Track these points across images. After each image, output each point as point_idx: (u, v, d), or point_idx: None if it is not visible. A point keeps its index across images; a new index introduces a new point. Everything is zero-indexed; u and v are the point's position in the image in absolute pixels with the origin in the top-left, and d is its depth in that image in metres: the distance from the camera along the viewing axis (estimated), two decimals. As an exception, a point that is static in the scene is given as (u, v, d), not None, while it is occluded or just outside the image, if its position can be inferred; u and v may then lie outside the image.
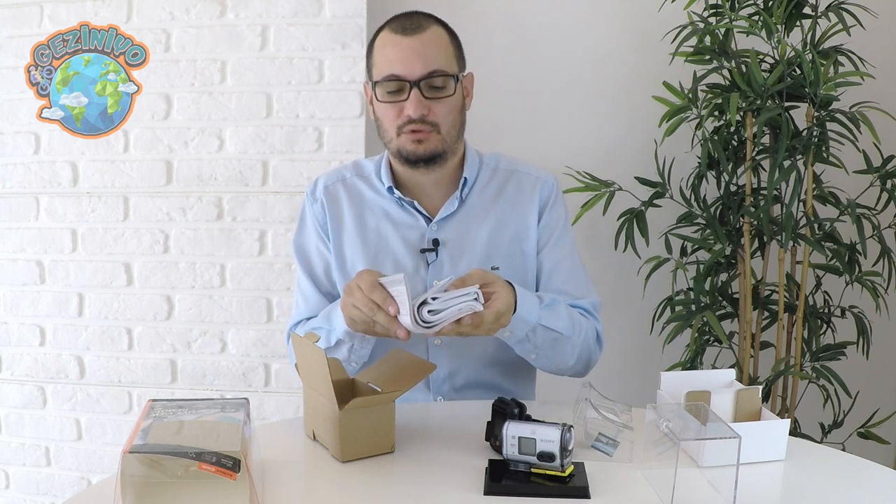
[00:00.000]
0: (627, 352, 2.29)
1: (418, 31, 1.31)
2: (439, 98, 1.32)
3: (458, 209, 1.41)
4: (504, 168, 1.47)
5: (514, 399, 1.12)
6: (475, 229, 1.41)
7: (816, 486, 1.05)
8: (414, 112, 1.30)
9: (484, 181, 1.44)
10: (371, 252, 1.41)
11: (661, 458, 1.00)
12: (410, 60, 1.30)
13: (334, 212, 1.44)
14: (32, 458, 2.26)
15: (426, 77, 1.30)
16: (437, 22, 1.35)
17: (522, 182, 1.45)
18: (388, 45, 1.32)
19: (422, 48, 1.30)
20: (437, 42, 1.32)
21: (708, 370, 1.68)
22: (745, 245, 1.96)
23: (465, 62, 1.40)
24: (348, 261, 1.43)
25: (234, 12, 2.07)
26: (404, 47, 1.30)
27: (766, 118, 1.81)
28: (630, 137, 2.23)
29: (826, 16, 1.90)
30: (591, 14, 2.23)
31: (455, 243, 1.40)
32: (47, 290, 2.20)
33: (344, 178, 1.47)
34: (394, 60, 1.31)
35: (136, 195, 2.15)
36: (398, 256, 1.40)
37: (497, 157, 1.48)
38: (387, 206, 1.43)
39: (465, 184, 1.42)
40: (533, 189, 1.44)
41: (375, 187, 1.44)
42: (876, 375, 2.19)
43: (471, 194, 1.43)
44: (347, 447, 1.07)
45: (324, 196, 1.45)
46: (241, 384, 2.19)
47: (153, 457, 0.87)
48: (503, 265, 1.39)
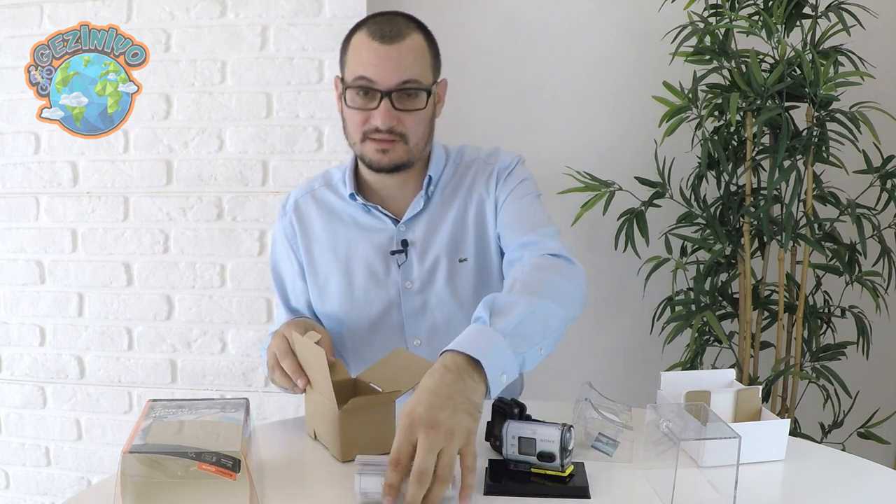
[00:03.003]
0: (627, 352, 2.29)
1: (397, 38, 1.27)
2: (410, 110, 1.29)
3: (424, 208, 1.40)
4: (467, 160, 1.45)
5: (514, 399, 1.12)
6: (439, 225, 1.40)
7: (816, 486, 1.05)
8: (382, 123, 1.28)
9: (448, 177, 1.43)
10: (342, 261, 1.41)
11: (661, 458, 1.00)
12: (385, 68, 1.26)
13: (303, 226, 1.44)
14: (32, 458, 2.26)
15: (399, 87, 1.27)
16: (417, 28, 1.31)
17: (480, 169, 1.43)
18: (364, 49, 1.28)
19: (398, 57, 1.26)
20: (415, 51, 1.28)
21: (708, 370, 1.67)
22: (745, 245, 1.96)
23: (440, 68, 1.37)
24: (321, 273, 1.43)
25: (234, 12, 2.08)
26: (381, 54, 1.26)
27: (766, 118, 1.80)
28: (630, 137, 2.23)
29: (826, 16, 1.90)
30: (590, 14, 2.23)
31: (422, 242, 1.39)
32: (47, 290, 2.20)
33: (313, 190, 1.47)
34: (367, 65, 1.27)
35: (136, 195, 2.15)
36: (368, 261, 1.40)
37: (461, 150, 1.47)
38: (354, 213, 1.42)
39: (430, 182, 1.40)
40: (490, 174, 1.41)
41: (342, 195, 1.44)
42: (876, 375, 2.19)
43: (435, 191, 1.42)
44: (347, 447, 1.07)
45: (293, 212, 1.46)
46: (241, 384, 2.19)
47: (153, 457, 0.87)
48: (470, 256, 1.38)
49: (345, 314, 1.42)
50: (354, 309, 1.41)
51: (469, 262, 1.38)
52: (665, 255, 2.07)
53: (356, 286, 1.40)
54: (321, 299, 1.43)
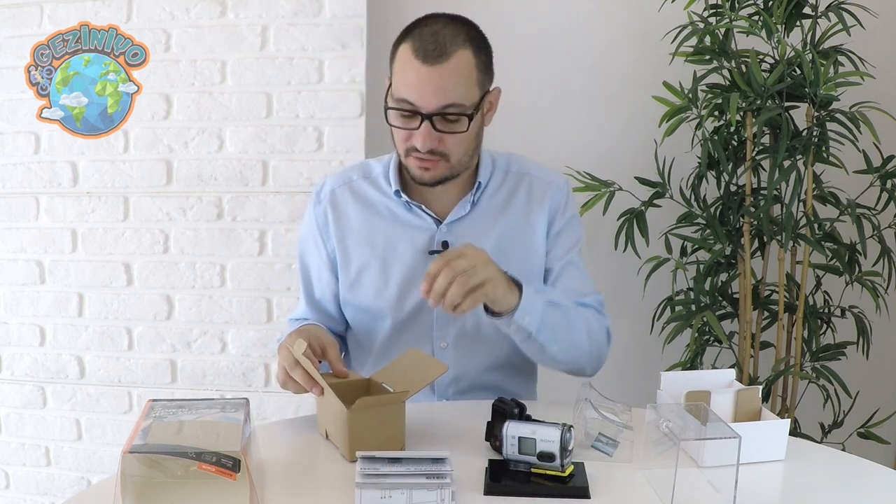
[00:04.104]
0: (627, 352, 2.29)
1: (441, 59, 1.23)
2: (451, 133, 1.27)
3: (469, 212, 1.39)
4: (515, 171, 1.44)
5: (515, 399, 1.12)
6: (485, 234, 1.39)
7: (816, 486, 1.05)
8: (422, 146, 1.26)
9: (496, 184, 1.42)
10: (379, 254, 1.40)
11: (661, 458, 1.00)
12: (427, 92, 1.23)
13: (338, 216, 1.43)
14: (32, 458, 2.26)
15: (440, 112, 1.25)
16: (466, 40, 1.26)
17: (534, 186, 1.42)
18: (408, 68, 1.25)
19: (440, 81, 1.23)
20: (460, 72, 1.24)
21: (708, 370, 1.68)
22: (745, 245, 1.96)
23: (492, 77, 1.34)
24: (353, 264, 1.41)
25: (234, 12, 2.07)
26: (422, 76, 1.23)
27: (766, 118, 1.81)
28: (630, 137, 2.23)
29: (826, 16, 1.90)
30: (591, 14, 2.23)
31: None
32: (47, 290, 2.20)
33: (351, 181, 1.45)
34: (410, 87, 1.24)
35: (136, 195, 2.15)
36: (406, 258, 1.39)
37: (509, 159, 1.46)
38: (394, 209, 1.41)
39: (479, 187, 1.39)
40: (544, 194, 1.41)
41: (383, 189, 1.42)
42: (876, 375, 2.19)
43: (482, 198, 1.41)
44: (356, 446, 1.07)
45: (328, 200, 1.44)
46: (241, 384, 2.19)
47: (153, 457, 0.87)
48: (512, 270, 1.38)
49: (377, 308, 1.40)
50: (387, 304, 1.39)
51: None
52: (665, 255, 2.07)
53: (392, 282, 1.39)
54: (352, 291, 1.42)
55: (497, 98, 1.38)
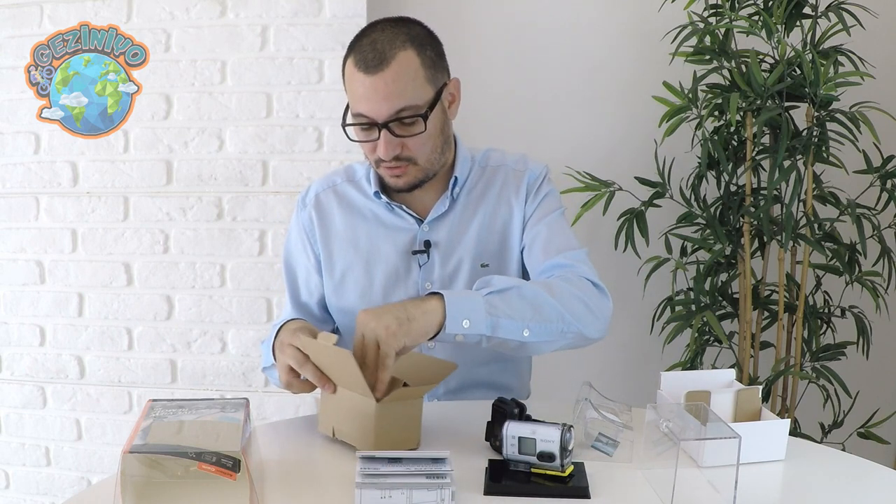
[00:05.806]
0: (627, 352, 2.29)
1: (381, 66, 1.22)
2: (411, 135, 1.27)
3: (449, 209, 1.40)
4: (493, 164, 1.44)
5: (514, 399, 1.12)
6: (465, 228, 1.39)
7: (816, 486, 1.05)
8: (385, 154, 1.27)
9: (474, 179, 1.43)
10: (363, 257, 1.41)
11: (661, 458, 1.00)
12: (376, 102, 1.23)
13: (323, 220, 1.44)
14: (32, 458, 2.26)
15: (394, 118, 1.24)
16: (405, 41, 1.25)
17: (509, 176, 1.43)
18: (355, 81, 1.25)
19: (385, 88, 1.23)
20: (404, 74, 1.24)
21: (708, 370, 1.68)
22: (745, 245, 1.96)
23: (446, 70, 1.33)
24: (338, 268, 1.42)
25: (234, 12, 2.08)
26: (368, 87, 1.23)
27: (766, 118, 1.81)
28: (630, 137, 2.23)
29: (826, 16, 1.90)
30: (591, 14, 2.23)
31: (446, 244, 1.39)
32: (47, 290, 2.20)
33: (335, 185, 1.46)
34: (361, 99, 1.25)
35: (136, 195, 2.15)
36: (390, 259, 1.40)
37: (487, 154, 1.46)
38: (377, 210, 1.42)
39: (456, 183, 1.40)
40: (520, 181, 1.41)
41: (365, 192, 1.43)
42: (876, 375, 2.19)
43: (461, 193, 1.41)
44: (381, 441, 1.07)
45: (313, 205, 1.45)
46: (241, 384, 2.19)
47: (153, 457, 0.87)
48: (492, 262, 1.39)
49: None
50: (372, 306, 1.39)
51: (490, 269, 1.38)
52: (665, 255, 2.07)
53: (376, 283, 1.40)
54: (337, 294, 1.43)
55: (457, 88, 1.36)
